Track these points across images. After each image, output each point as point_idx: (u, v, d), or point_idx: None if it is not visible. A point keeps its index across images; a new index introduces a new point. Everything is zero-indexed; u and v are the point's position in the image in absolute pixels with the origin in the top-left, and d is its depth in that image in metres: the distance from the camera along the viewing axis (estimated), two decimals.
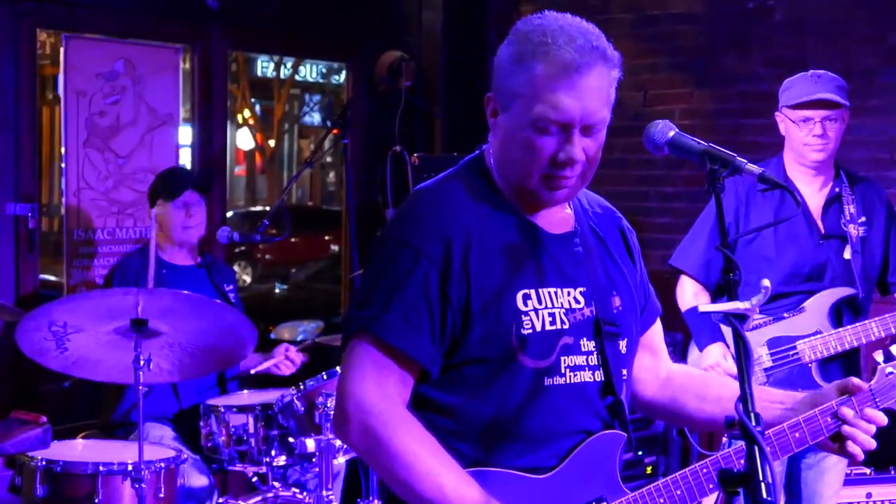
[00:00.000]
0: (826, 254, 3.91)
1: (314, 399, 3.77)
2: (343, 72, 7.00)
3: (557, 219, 2.16)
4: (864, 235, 3.93)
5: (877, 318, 3.81)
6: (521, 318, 2.04)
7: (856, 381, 2.29)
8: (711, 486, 2.14)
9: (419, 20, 6.20)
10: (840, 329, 3.86)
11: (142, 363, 3.45)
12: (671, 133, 2.04)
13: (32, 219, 4.72)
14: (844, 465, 4.03)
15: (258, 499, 3.97)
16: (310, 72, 19.86)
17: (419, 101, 6.05)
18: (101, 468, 3.52)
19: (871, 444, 2.25)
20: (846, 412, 2.24)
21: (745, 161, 1.95)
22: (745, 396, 1.72)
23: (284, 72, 19.53)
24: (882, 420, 2.28)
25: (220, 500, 4.00)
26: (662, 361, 2.40)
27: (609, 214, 2.30)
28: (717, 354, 3.95)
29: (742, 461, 1.84)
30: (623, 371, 2.18)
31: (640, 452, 5.11)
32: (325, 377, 3.87)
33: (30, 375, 4.76)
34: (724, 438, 3.70)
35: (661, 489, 2.14)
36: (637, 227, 2.35)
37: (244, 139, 20.64)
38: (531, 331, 2.04)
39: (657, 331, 2.39)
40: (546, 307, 2.06)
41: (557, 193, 2.08)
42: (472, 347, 2.03)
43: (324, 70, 19.49)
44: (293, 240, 12.95)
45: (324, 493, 3.69)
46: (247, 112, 19.97)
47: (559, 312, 2.08)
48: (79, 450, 3.84)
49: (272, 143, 21.13)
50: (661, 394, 2.37)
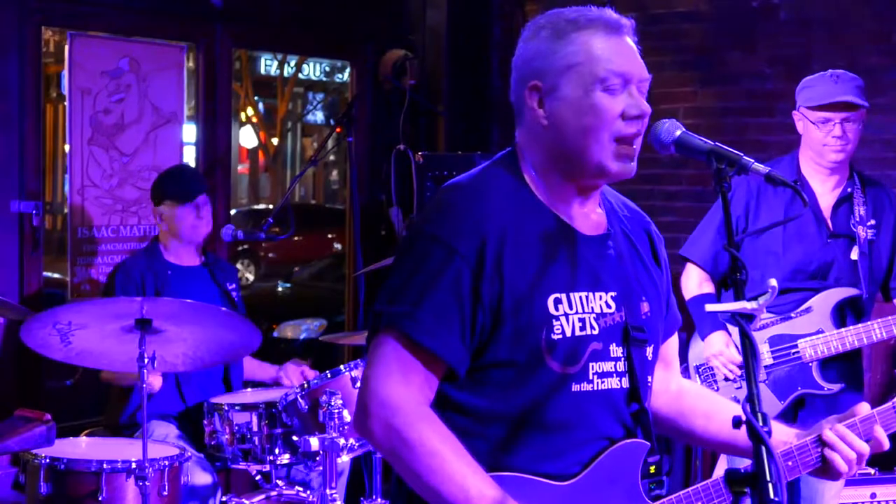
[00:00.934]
0: (833, 253, 3.90)
1: (318, 397, 3.77)
2: (347, 70, 7.01)
3: (591, 220, 2.13)
4: (873, 238, 3.92)
5: (879, 320, 3.80)
6: (552, 323, 2.00)
7: (860, 408, 2.30)
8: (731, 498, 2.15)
9: (423, 18, 6.19)
10: (842, 329, 3.86)
11: (146, 361, 3.45)
12: (678, 132, 2.03)
13: (37, 216, 4.72)
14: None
15: (262, 497, 3.96)
16: (313, 70, 19.89)
17: (423, 100, 6.04)
18: (105, 466, 3.52)
19: (844, 468, 2.24)
20: (828, 436, 2.24)
21: (752, 160, 1.94)
22: (752, 397, 1.71)
23: (288, 70, 19.56)
24: (882, 444, 2.29)
25: (224, 499, 3.99)
26: (674, 375, 2.37)
27: (638, 217, 2.27)
28: (720, 343, 3.96)
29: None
30: (648, 378, 2.15)
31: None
32: (329, 376, 3.86)
33: (34, 373, 4.76)
34: None
35: (682, 499, 2.14)
36: None
37: (248, 137, 20.68)
38: (561, 336, 2.01)
39: (673, 343, 2.35)
40: (577, 312, 2.03)
41: (629, 165, 2.06)
42: (501, 349, 1.99)
43: (327, 68, 19.52)
44: (296, 238, 12.95)
45: (327, 492, 3.68)
46: (250, 110, 20.00)
47: (589, 318, 2.04)
48: (83, 447, 3.83)
49: (275, 142, 21.16)
50: (670, 407, 2.34)
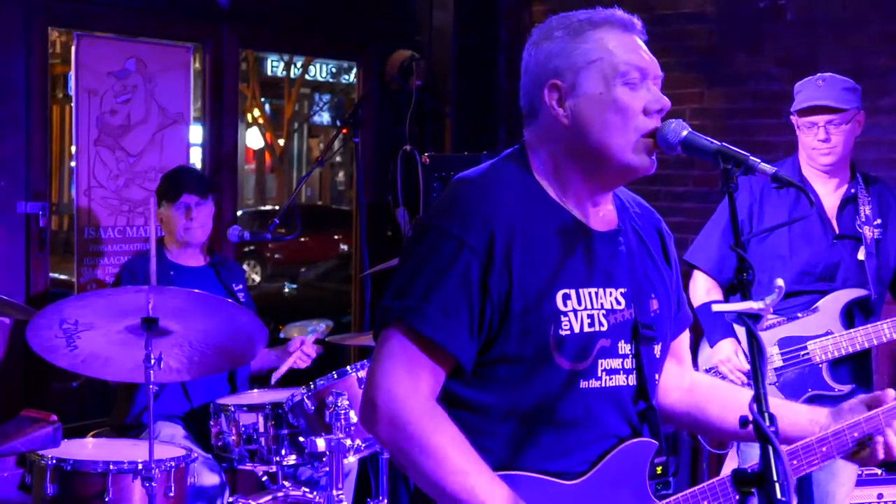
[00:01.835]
0: (839, 254, 3.89)
1: (324, 398, 3.76)
2: (353, 71, 7.01)
3: (602, 216, 2.12)
4: (879, 237, 3.91)
5: (889, 320, 3.79)
6: (560, 319, 1.99)
7: (883, 394, 2.29)
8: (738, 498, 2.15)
9: (430, 19, 6.19)
10: (851, 330, 3.85)
11: (152, 362, 3.45)
12: (684, 132, 2.02)
13: (43, 217, 4.72)
14: (856, 466, 4.01)
15: (268, 498, 3.96)
16: (320, 71, 19.88)
17: (430, 101, 6.04)
18: (112, 467, 3.52)
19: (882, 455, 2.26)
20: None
21: (759, 160, 1.93)
22: (759, 396, 1.71)
23: (294, 71, 19.56)
24: None
25: (231, 500, 3.99)
26: (687, 370, 2.37)
27: (648, 214, 2.26)
28: (729, 350, 3.95)
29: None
30: (656, 377, 2.15)
31: None
32: (336, 376, 3.86)
33: (40, 374, 4.76)
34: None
35: (688, 498, 2.13)
36: None
37: (254, 138, 20.68)
38: (569, 332, 2.00)
39: (685, 339, 2.36)
40: (586, 308, 2.02)
41: (651, 160, 2.05)
42: (508, 345, 1.98)
43: (334, 69, 19.52)
44: (303, 239, 12.96)
45: (334, 493, 3.67)
46: (257, 111, 20.00)
47: (598, 314, 2.04)
48: (89, 448, 3.84)
49: (282, 143, 21.17)
50: (684, 401, 2.34)
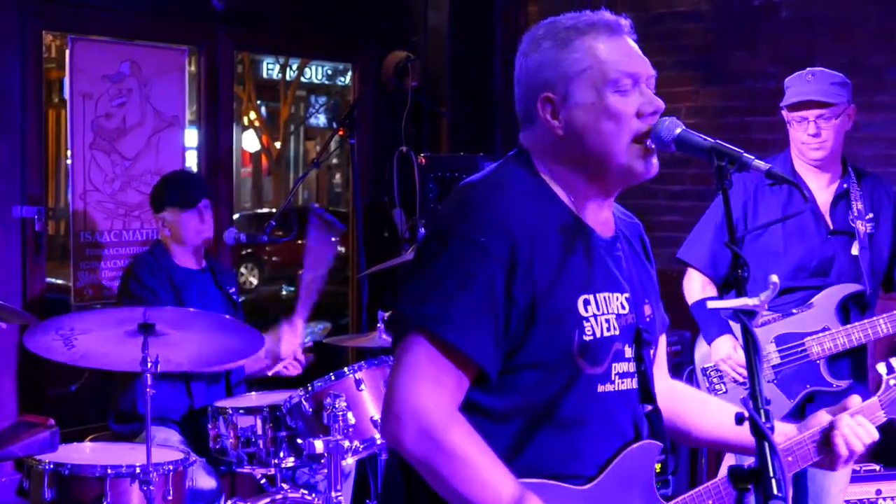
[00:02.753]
0: (833, 249, 3.90)
1: (322, 400, 3.76)
2: (349, 73, 7.01)
3: (604, 221, 2.12)
4: (872, 232, 3.92)
5: (885, 315, 3.80)
6: (584, 324, 1.99)
7: (847, 401, 2.32)
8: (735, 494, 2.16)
9: (425, 20, 6.19)
10: (848, 325, 3.85)
11: (149, 365, 3.45)
12: (678, 130, 2.02)
13: (39, 221, 4.72)
14: (851, 462, 4.02)
15: (267, 500, 3.95)
16: (315, 73, 19.89)
17: (425, 102, 6.04)
18: (110, 471, 3.52)
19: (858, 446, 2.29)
20: (844, 428, 2.29)
21: (753, 157, 1.94)
22: (755, 393, 1.71)
23: (290, 73, 19.56)
24: (871, 434, 2.33)
25: (229, 503, 3.99)
26: (664, 373, 2.38)
27: (631, 220, 2.27)
28: (728, 347, 3.95)
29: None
30: (653, 379, 2.17)
31: None
32: (334, 378, 3.86)
33: (37, 379, 4.76)
34: None
35: (694, 498, 2.15)
36: (645, 226, 2.34)
37: (250, 141, 20.68)
38: (592, 337, 2.00)
39: (663, 343, 2.36)
40: (603, 313, 2.02)
41: (652, 162, 2.05)
42: (533, 352, 1.96)
43: (329, 71, 19.52)
44: (300, 241, 12.95)
45: (333, 495, 3.67)
46: (253, 114, 20.01)
47: (612, 318, 2.04)
48: (87, 452, 3.84)
49: (278, 145, 21.16)
50: (663, 406, 2.31)
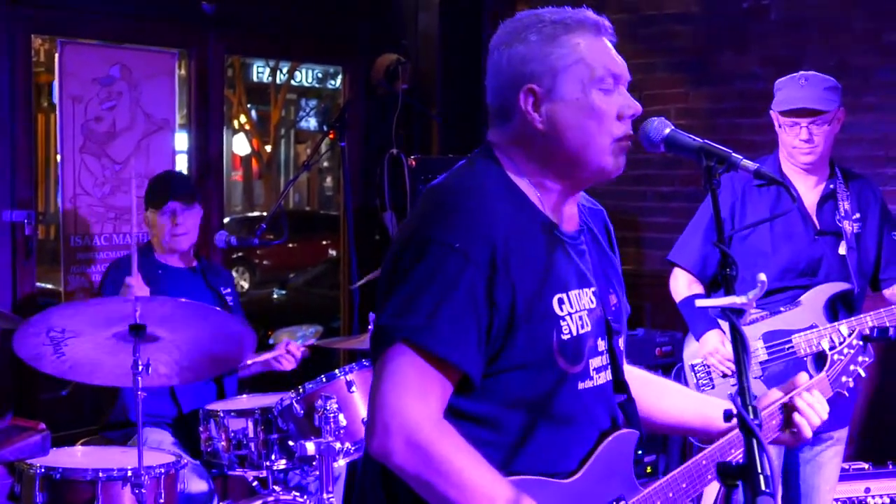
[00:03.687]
0: (821, 249, 3.92)
1: (313, 402, 3.77)
2: (339, 76, 7.01)
3: (570, 216, 2.12)
4: (859, 232, 3.94)
5: (871, 313, 3.82)
6: (560, 324, 1.99)
7: (796, 378, 2.31)
8: (710, 476, 2.17)
9: (415, 23, 6.20)
10: (835, 323, 3.87)
11: (140, 368, 3.44)
12: (667, 130, 2.04)
13: (29, 225, 4.71)
14: (840, 459, 4.05)
15: (259, 503, 3.96)
16: (306, 76, 19.87)
17: (416, 104, 6.05)
18: (101, 474, 3.51)
19: (816, 421, 2.26)
20: (801, 404, 2.26)
21: (741, 157, 1.95)
22: (743, 390, 1.72)
23: (280, 77, 19.55)
24: (825, 409, 2.29)
25: None
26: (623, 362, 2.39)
27: (594, 207, 2.27)
28: (716, 340, 3.98)
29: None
30: (624, 368, 2.18)
31: (640, 452, 5.09)
32: (325, 380, 3.87)
33: (28, 383, 4.75)
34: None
35: (670, 483, 2.16)
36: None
37: (241, 145, 20.65)
38: (569, 335, 2.00)
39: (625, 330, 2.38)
40: (577, 310, 2.03)
41: (622, 161, 2.08)
42: (515, 354, 1.96)
43: (320, 74, 19.51)
44: (291, 245, 12.96)
45: (324, 497, 3.68)
46: (243, 117, 19.99)
47: (584, 315, 2.04)
48: (78, 456, 3.82)
49: (269, 149, 21.15)
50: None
